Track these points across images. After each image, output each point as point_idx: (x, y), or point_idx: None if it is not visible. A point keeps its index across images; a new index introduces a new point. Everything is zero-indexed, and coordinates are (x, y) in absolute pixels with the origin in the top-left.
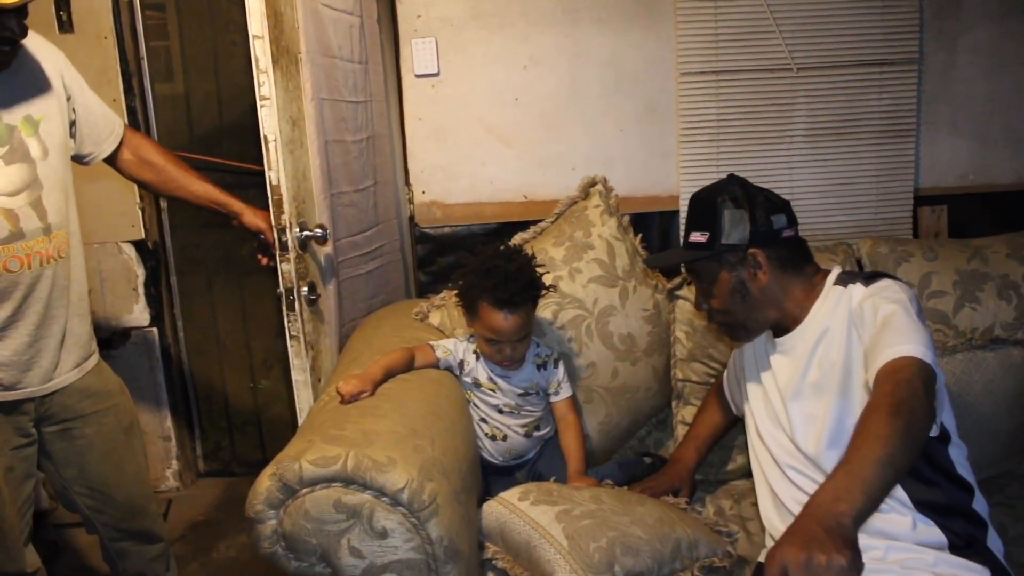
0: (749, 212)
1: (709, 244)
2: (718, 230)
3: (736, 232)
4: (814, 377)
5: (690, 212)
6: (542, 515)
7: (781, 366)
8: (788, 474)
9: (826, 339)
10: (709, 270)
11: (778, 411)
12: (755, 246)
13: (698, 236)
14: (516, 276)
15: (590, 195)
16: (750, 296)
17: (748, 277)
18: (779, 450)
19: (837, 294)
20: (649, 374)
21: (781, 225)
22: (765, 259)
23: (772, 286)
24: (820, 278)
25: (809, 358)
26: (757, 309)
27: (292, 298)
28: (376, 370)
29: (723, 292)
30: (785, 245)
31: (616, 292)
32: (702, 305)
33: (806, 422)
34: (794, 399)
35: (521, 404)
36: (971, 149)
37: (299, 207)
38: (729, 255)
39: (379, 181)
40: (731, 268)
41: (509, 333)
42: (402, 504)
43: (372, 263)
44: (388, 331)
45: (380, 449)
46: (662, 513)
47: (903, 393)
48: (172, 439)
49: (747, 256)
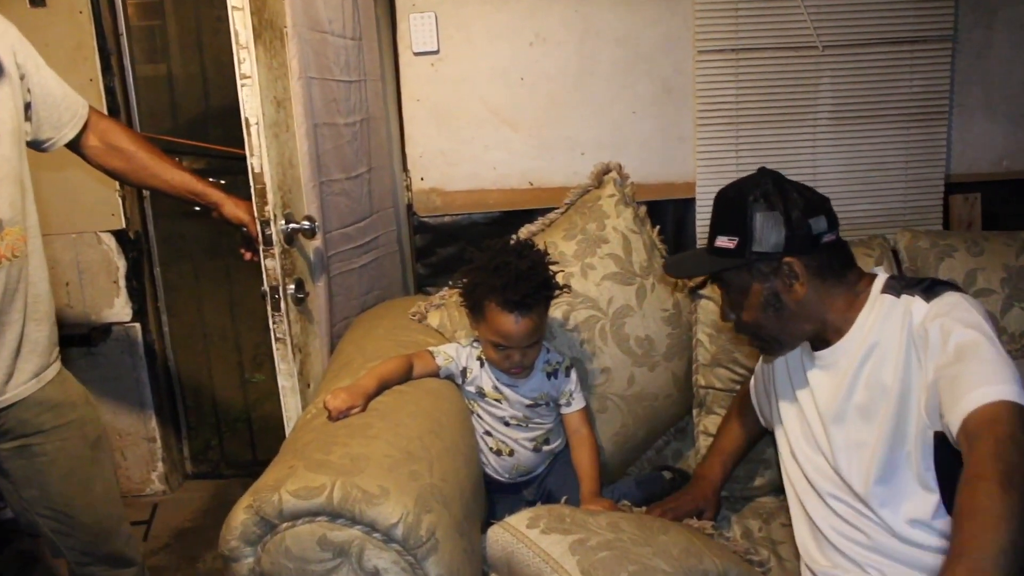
0: (784, 214)
1: (738, 251)
2: (749, 235)
3: (769, 238)
4: (861, 399)
5: (716, 212)
6: (554, 546)
7: (821, 383)
8: (829, 502)
9: (875, 356)
10: (738, 280)
11: (817, 433)
12: (791, 254)
13: (725, 241)
14: (528, 275)
15: (604, 183)
16: (785, 309)
17: (783, 289)
18: (817, 476)
19: (887, 305)
20: (668, 380)
21: (821, 229)
22: (802, 268)
23: (810, 297)
24: (864, 284)
25: (855, 377)
26: (792, 323)
27: (277, 297)
28: (368, 381)
29: (754, 305)
30: (825, 251)
31: (633, 291)
32: (729, 316)
33: (851, 450)
34: (836, 422)
35: (530, 416)
36: (1006, 133)
37: (285, 197)
38: (761, 264)
39: (374, 167)
40: (763, 279)
41: (519, 338)
42: (396, 540)
43: (366, 256)
44: (382, 334)
45: (371, 477)
46: (687, 542)
47: (1011, 456)
48: (157, 440)
49: (782, 265)
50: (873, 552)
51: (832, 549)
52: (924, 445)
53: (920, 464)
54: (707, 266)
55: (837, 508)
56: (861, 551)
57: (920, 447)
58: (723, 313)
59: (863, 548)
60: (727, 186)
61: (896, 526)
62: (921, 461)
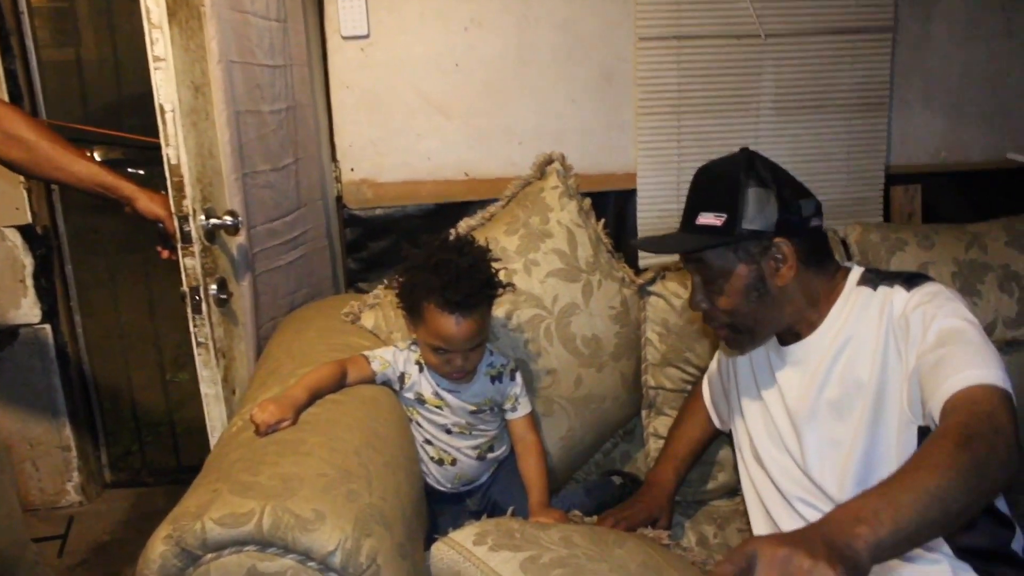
0: (777, 193)
1: (726, 229)
2: (739, 212)
3: (762, 216)
4: (833, 395)
5: (699, 188)
6: (504, 564)
7: (790, 380)
8: (797, 507)
9: (849, 350)
10: (721, 261)
11: (784, 433)
12: (781, 235)
13: (711, 218)
14: (469, 273)
15: (547, 175)
16: (767, 295)
17: (769, 272)
18: (784, 479)
19: (863, 298)
20: (617, 381)
21: (810, 212)
22: (792, 251)
23: (793, 284)
24: (840, 276)
25: (827, 372)
26: (772, 311)
27: (198, 299)
28: (299, 392)
29: (736, 289)
30: (811, 236)
31: (579, 288)
32: (700, 303)
33: (824, 450)
34: (807, 421)
35: (473, 423)
36: (944, 125)
37: (205, 190)
38: (750, 244)
39: (301, 158)
40: (750, 259)
41: (460, 341)
42: (334, 570)
43: (294, 252)
44: (313, 336)
45: (304, 500)
46: (645, 555)
47: (980, 427)
48: (72, 449)
49: (772, 246)
50: None
51: None
52: (905, 443)
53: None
54: (691, 242)
55: (807, 513)
56: None
57: (900, 445)
58: (693, 300)
59: None
60: (710, 163)
61: None
62: (900, 460)
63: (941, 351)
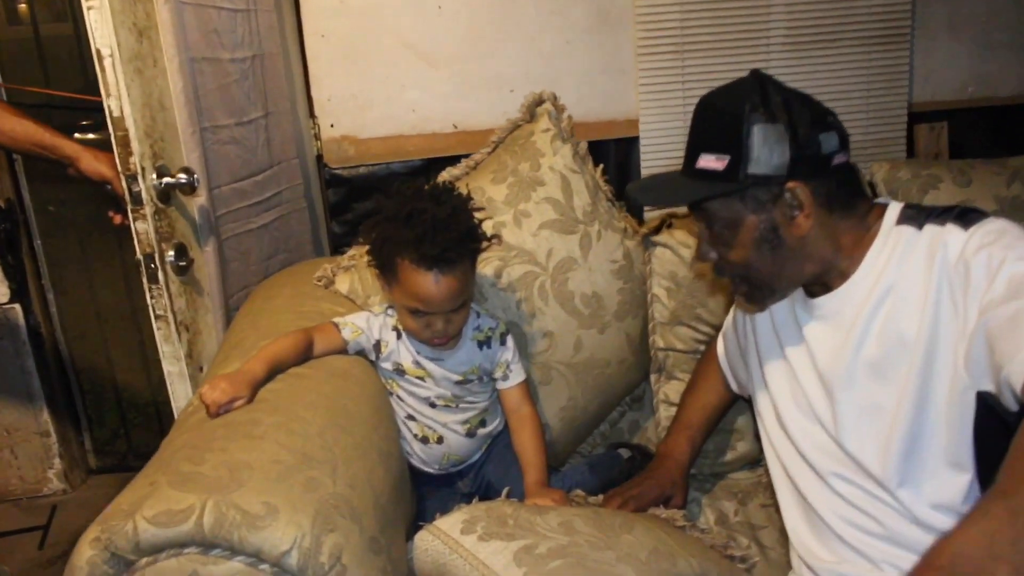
0: (789, 128)
1: (729, 173)
2: (744, 153)
3: (771, 157)
4: (872, 354)
5: (699, 124)
6: (495, 555)
7: (820, 338)
8: (832, 483)
9: (890, 301)
10: (726, 211)
11: (814, 399)
12: (796, 178)
13: (711, 160)
14: (447, 224)
15: (536, 117)
16: (783, 247)
17: (782, 221)
18: (816, 452)
19: (906, 239)
20: (622, 343)
21: (831, 148)
22: (808, 196)
23: (814, 232)
24: (874, 216)
25: (865, 328)
26: (790, 263)
27: (153, 266)
28: (256, 366)
29: (746, 241)
30: (834, 175)
31: (576, 240)
32: (708, 255)
33: (862, 418)
34: (843, 385)
35: (460, 394)
36: (971, 57)
37: (156, 146)
38: (759, 190)
39: (271, 112)
40: (760, 209)
41: (440, 301)
42: (291, 572)
43: (267, 215)
44: (281, 305)
45: (254, 492)
46: (656, 541)
47: None
48: (52, 434)
49: (783, 192)
50: (888, 543)
51: (837, 540)
52: (959, 410)
53: (950, 434)
54: (688, 192)
55: (843, 490)
56: (874, 542)
57: (952, 412)
58: (700, 251)
59: (876, 539)
60: (713, 92)
61: (918, 511)
62: (952, 430)
63: (1017, 303)
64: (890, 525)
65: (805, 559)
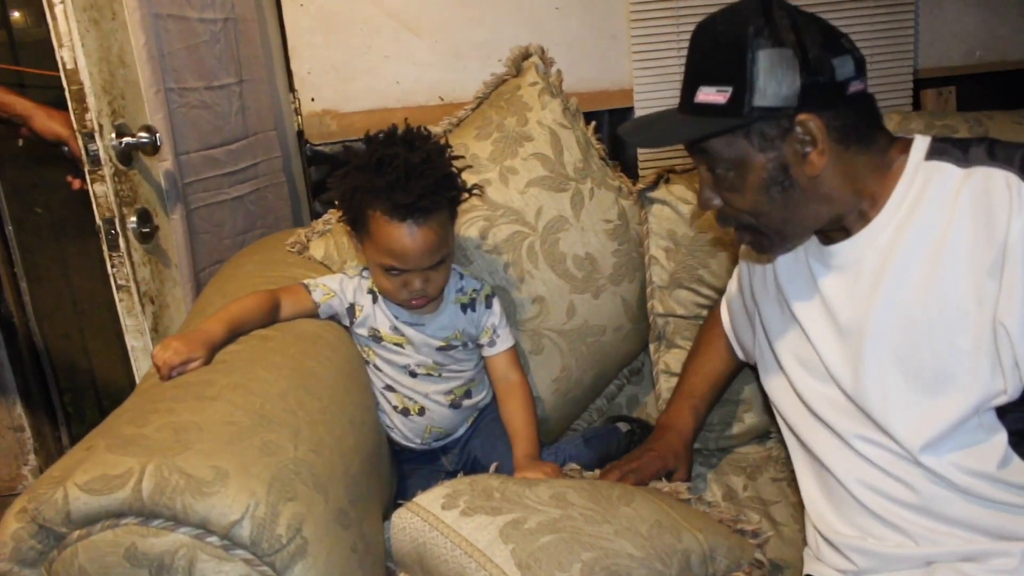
0: (799, 52)
1: (732, 107)
2: (748, 83)
3: (779, 87)
4: (908, 307)
5: (697, 54)
6: (479, 531)
7: (838, 290)
8: (854, 445)
9: (921, 246)
10: (730, 149)
11: (830, 358)
12: (807, 109)
13: (712, 94)
14: (422, 170)
15: (523, 71)
16: (794, 188)
17: (793, 159)
18: (834, 413)
19: (940, 176)
20: (618, 308)
21: (847, 74)
22: (822, 129)
23: (829, 171)
24: (898, 151)
25: (891, 276)
26: (803, 207)
27: (114, 232)
28: (214, 325)
29: (753, 184)
30: (850, 105)
31: (567, 198)
32: (710, 201)
33: (886, 377)
34: (871, 339)
35: (442, 362)
36: (978, 20)
37: (115, 103)
38: (766, 125)
39: (246, 80)
40: (768, 146)
41: (416, 255)
42: (242, 545)
43: (242, 187)
44: (251, 271)
45: (202, 455)
46: (659, 514)
47: None
48: (27, 429)
49: (794, 126)
50: (920, 513)
51: (860, 510)
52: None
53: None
54: (686, 130)
55: (868, 452)
56: (903, 512)
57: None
58: (702, 198)
59: (906, 508)
60: (711, 16)
61: (951, 475)
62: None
63: None
64: (923, 490)
65: (822, 532)
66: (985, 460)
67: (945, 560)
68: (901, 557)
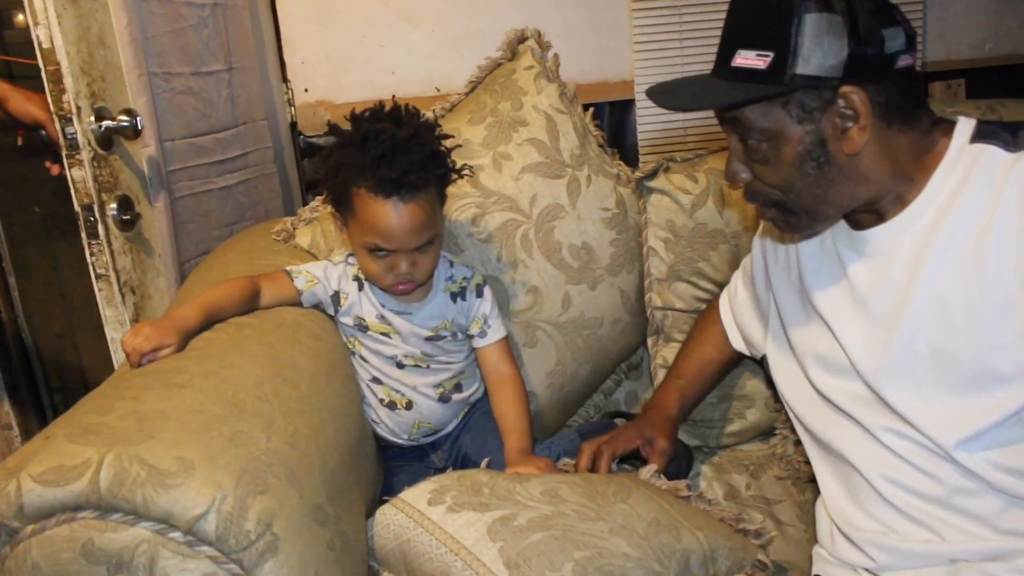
0: (848, 20)
1: (772, 74)
2: (792, 49)
3: (824, 55)
4: (945, 296)
5: (736, 14)
6: (466, 528)
7: (869, 279)
8: (881, 437)
9: (970, 236)
10: (767, 119)
11: (856, 350)
12: (852, 81)
13: (751, 58)
14: (409, 145)
15: (519, 54)
16: (830, 166)
17: (833, 134)
18: (858, 407)
19: (986, 159)
20: (615, 300)
21: (897, 47)
22: (866, 104)
23: (869, 149)
24: (941, 133)
25: (930, 264)
26: (838, 186)
27: (93, 219)
28: (188, 311)
29: (787, 158)
30: (897, 81)
31: (563, 185)
32: (740, 174)
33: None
34: (902, 337)
35: (431, 353)
36: (988, 12)
37: (95, 86)
38: (807, 95)
39: (235, 67)
40: (806, 118)
41: (402, 234)
42: (208, 541)
43: (231, 176)
44: (234, 259)
45: (166, 444)
46: (657, 511)
47: None
48: (14, 427)
49: (837, 98)
50: (944, 508)
51: (882, 504)
52: None
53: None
54: (720, 95)
55: (894, 445)
56: (926, 506)
57: None
58: (730, 171)
59: (929, 502)
60: None
61: (985, 472)
62: None
63: None
64: (950, 484)
65: (842, 528)
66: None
67: (970, 558)
68: (924, 553)
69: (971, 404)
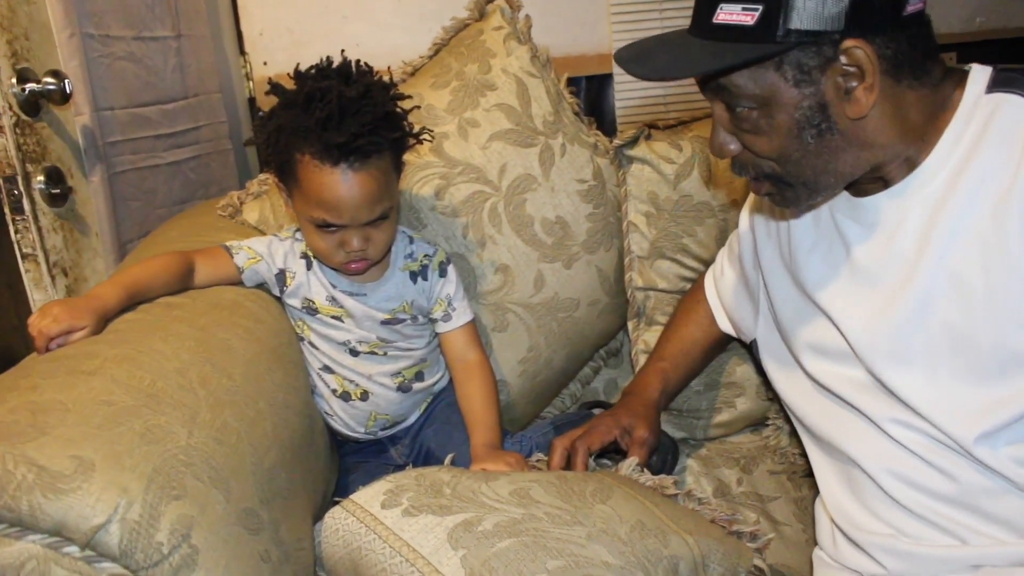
0: None
1: (761, 30)
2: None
3: (821, 4)
4: (961, 267)
5: None
6: (424, 534)
7: (871, 252)
8: (888, 429)
9: (981, 198)
10: (757, 84)
11: (857, 338)
12: (856, 34)
13: (736, 13)
14: (359, 105)
15: (487, 14)
16: (832, 133)
17: (835, 96)
18: (861, 396)
19: (1006, 110)
20: (593, 280)
21: None
22: (873, 59)
23: (877, 111)
24: (952, 84)
25: (942, 233)
26: (840, 154)
27: (17, 193)
28: (107, 290)
29: (781, 126)
30: (907, 31)
31: (534, 154)
32: (727, 146)
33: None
34: (912, 317)
35: (388, 339)
36: None
37: (16, 44)
38: (803, 53)
39: (185, 35)
40: (803, 80)
41: (352, 206)
42: (110, 556)
43: (179, 152)
44: (174, 236)
45: (61, 442)
46: (641, 513)
47: None
48: None
49: (838, 55)
50: (959, 508)
51: (890, 505)
52: None
53: None
54: (703, 59)
55: (903, 438)
56: (939, 506)
57: None
58: (715, 142)
59: (942, 502)
60: None
61: (1006, 469)
62: None
63: None
64: (966, 482)
65: (846, 531)
66: None
67: (996, 564)
68: (942, 559)
69: (993, 393)
